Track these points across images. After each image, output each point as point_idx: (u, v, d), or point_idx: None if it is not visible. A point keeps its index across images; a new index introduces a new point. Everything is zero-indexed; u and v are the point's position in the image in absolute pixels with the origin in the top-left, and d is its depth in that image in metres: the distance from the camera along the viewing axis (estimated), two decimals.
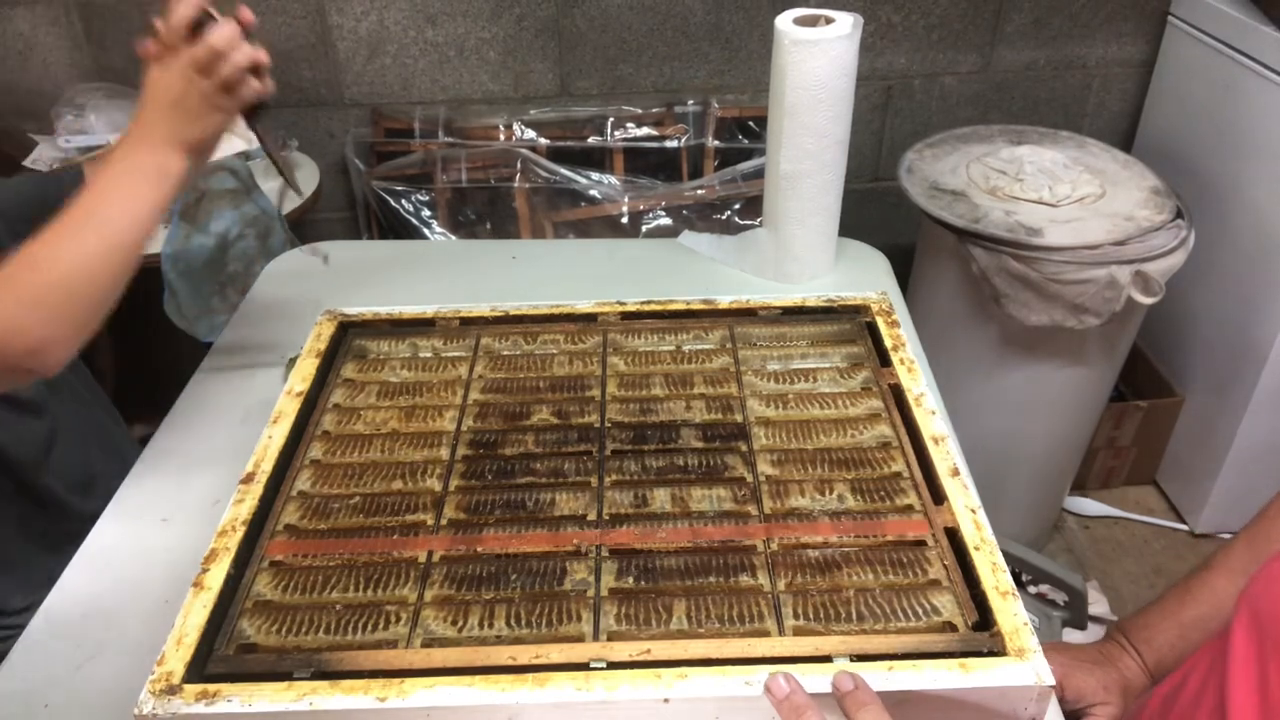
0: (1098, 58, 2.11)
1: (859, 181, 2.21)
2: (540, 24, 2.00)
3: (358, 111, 2.09)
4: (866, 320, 0.99)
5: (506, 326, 1.00)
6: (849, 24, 1.14)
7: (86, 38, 1.96)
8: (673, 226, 2.01)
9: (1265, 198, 1.74)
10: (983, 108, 2.16)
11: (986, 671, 0.62)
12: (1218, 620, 0.79)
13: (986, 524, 0.73)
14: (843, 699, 0.58)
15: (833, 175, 1.23)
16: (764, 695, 0.60)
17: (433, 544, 0.75)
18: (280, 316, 1.19)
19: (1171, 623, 0.81)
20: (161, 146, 0.89)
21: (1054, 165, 1.70)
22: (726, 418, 0.87)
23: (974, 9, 2.03)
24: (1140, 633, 0.82)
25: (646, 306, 1.01)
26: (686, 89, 2.09)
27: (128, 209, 0.87)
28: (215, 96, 0.90)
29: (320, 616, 0.69)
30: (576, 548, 0.74)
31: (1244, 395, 1.83)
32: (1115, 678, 0.79)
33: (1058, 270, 1.51)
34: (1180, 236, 1.56)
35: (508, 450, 0.84)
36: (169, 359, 1.21)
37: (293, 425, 0.85)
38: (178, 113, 0.89)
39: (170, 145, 0.89)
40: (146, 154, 0.89)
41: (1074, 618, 1.37)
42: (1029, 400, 1.75)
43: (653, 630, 0.67)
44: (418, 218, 2.02)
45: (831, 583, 0.70)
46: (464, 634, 0.68)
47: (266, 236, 1.75)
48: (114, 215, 0.86)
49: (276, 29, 1.96)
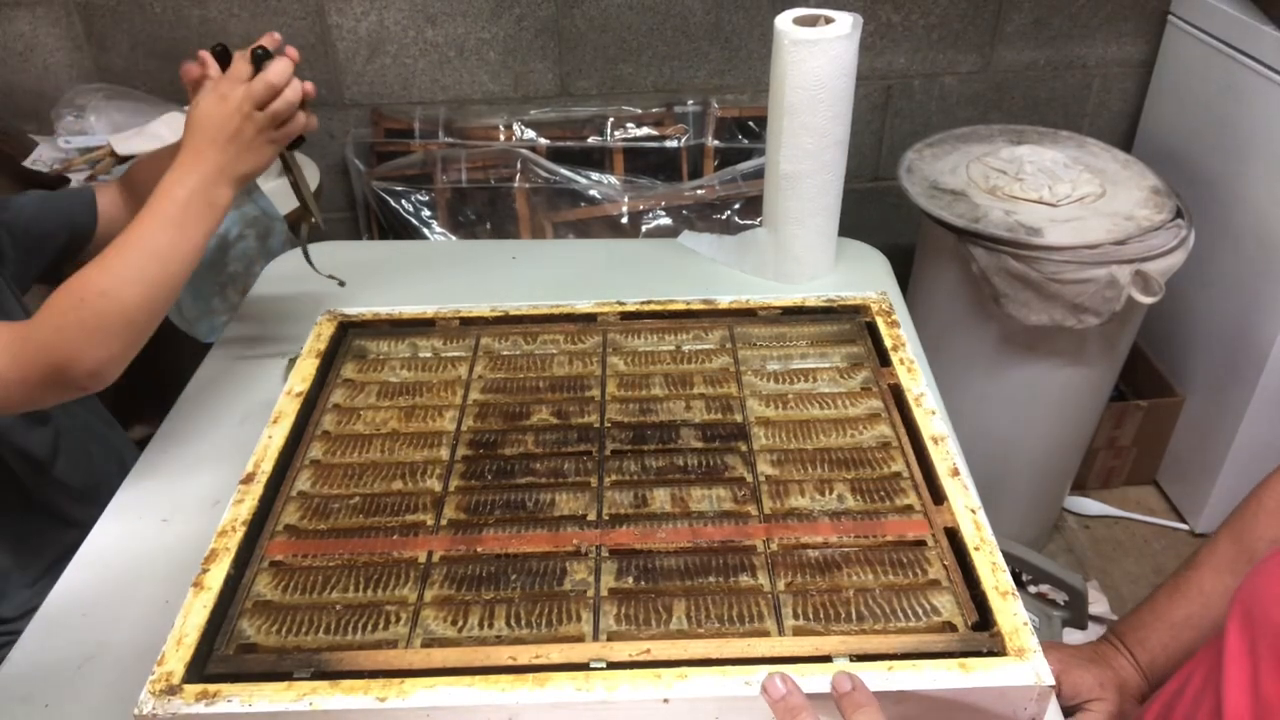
0: (1098, 57, 2.11)
1: (859, 181, 2.21)
2: (540, 24, 2.00)
3: (358, 112, 2.09)
4: (866, 320, 0.99)
5: (506, 326, 1.00)
6: (849, 24, 1.14)
7: (87, 38, 1.96)
8: (673, 226, 2.01)
9: (1265, 197, 1.74)
10: (983, 107, 2.16)
11: (986, 671, 0.62)
12: (1208, 618, 0.80)
13: (986, 524, 0.73)
14: (840, 699, 0.59)
15: (832, 175, 1.23)
16: (760, 695, 0.60)
17: (433, 544, 0.75)
18: (280, 316, 1.19)
19: (1163, 623, 0.81)
20: (215, 179, 0.91)
21: (1054, 165, 1.70)
22: (726, 418, 0.87)
23: (974, 9, 2.03)
24: (1133, 634, 0.83)
25: (646, 306, 1.01)
26: (686, 89, 2.09)
27: (181, 242, 0.90)
28: (269, 131, 0.93)
29: (320, 616, 0.69)
30: (576, 548, 0.74)
31: (1244, 395, 1.83)
32: (1111, 675, 0.80)
33: (1058, 270, 1.51)
34: (1180, 236, 1.56)
35: (508, 450, 0.84)
36: (169, 359, 1.20)
37: (293, 425, 0.85)
38: (232, 146, 0.91)
39: (223, 178, 0.92)
40: (200, 187, 0.90)
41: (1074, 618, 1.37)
42: (1029, 400, 1.75)
43: (652, 630, 0.67)
44: (418, 218, 2.02)
45: (831, 583, 0.70)
46: (464, 634, 0.68)
47: (266, 237, 1.75)
48: (169, 247, 0.89)
49: (276, 29, 1.95)
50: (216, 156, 0.91)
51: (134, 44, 1.99)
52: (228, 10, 1.94)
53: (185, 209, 0.89)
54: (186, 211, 0.90)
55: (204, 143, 0.91)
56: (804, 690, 0.60)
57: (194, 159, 0.91)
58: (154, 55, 2.00)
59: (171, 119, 1.83)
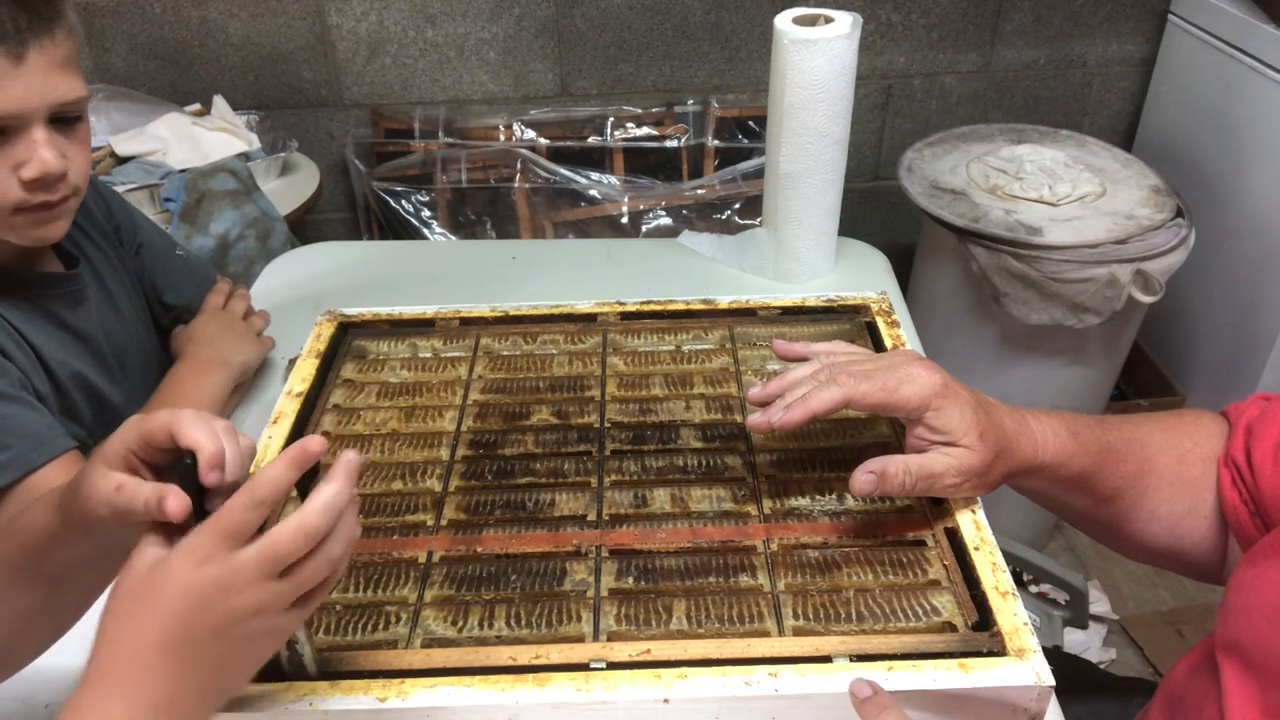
0: (1098, 56, 2.11)
1: (859, 181, 2.21)
2: (540, 24, 2.00)
3: (358, 112, 2.09)
4: (866, 320, 0.98)
5: (506, 326, 1.00)
6: (848, 23, 1.14)
7: (87, 39, 1.96)
8: (673, 226, 2.01)
9: (1266, 196, 1.74)
10: (983, 107, 2.16)
11: (986, 671, 0.62)
12: (1131, 455, 0.76)
13: (986, 524, 0.73)
14: (861, 705, 0.58)
15: (832, 175, 1.23)
16: (847, 697, 0.59)
17: (433, 544, 0.75)
18: (280, 316, 1.19)
19: (1090, 434, 0.76)
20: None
21: (1054, 164, 1.70)
22: (726, 418, 0.87)
23: (974, 8, 2.03)
24: (1059, 420, 0.76)
25: (646, 306, 1.01)
26: (686, 89, 2.09)
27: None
28: (286, 617, 0.54)
29: (320, 616, 0.69)
30: (576, 548, 0.74)
31: (1244, 394, 1.82)
32: (992, 428, 0.71)
33: (1058, 269, 1.51)
34: (1180, 235, 1.56)
35: (508, 450, 0.84)
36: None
37: (293, 425, 0.85)
38: (217, 648, 0.51)
39: (190, 711, 0.52)
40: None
41: (1075, 617, 1.37)
42: (1029, 399, 1.73)
43: (652, 630, 0.67)
44: (418, 218, 2.02)
45: (831, 583, 0.70)
46: (464, 634, 0.68)
47: (266, 237, 1.76)
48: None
49: (276, 29, 1.96)
50: (180, 666, 0.51)
51: (134, 44, 1.99)
52: (228, 10, 1.94)
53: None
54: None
55: (163, 643, 0.50)
56: (804, 691, 0.60)
57: (144, 676, 0.50)
58: (154, 55, 2.00)
59: (172, 120, 1.83)
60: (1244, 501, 0.73)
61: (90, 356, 1.00)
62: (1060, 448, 0.73)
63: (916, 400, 0.70)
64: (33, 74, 0.82)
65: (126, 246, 1.11)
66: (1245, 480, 0.73)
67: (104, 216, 1.09)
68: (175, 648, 0.50)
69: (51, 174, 0.85)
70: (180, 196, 1.66)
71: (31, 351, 0.93)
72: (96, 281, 1.03)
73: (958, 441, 0.70)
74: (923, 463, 0.70)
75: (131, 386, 1.05)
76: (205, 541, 0.50)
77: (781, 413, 0.71)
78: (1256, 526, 0.72)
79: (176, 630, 0.50)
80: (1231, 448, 0.75)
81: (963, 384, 0.72)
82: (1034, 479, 0.75)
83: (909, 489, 0.70)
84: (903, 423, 0.74)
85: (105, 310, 1.03)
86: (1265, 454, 0.72)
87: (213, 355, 1.08)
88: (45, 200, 0.87)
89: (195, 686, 0.51)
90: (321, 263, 1.38)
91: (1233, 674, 0.65)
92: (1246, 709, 0.63)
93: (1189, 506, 0.77)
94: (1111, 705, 0.99)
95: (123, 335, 1.06)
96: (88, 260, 1.03)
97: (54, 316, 0.96)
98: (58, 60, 0.84)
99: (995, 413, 0.72)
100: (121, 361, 1.04)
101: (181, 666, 0.50)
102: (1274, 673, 0.61)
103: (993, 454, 0.70)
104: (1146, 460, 0.77)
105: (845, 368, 0.72)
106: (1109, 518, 0.79)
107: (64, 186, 0.88)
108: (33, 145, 0.84)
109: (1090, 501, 0.78)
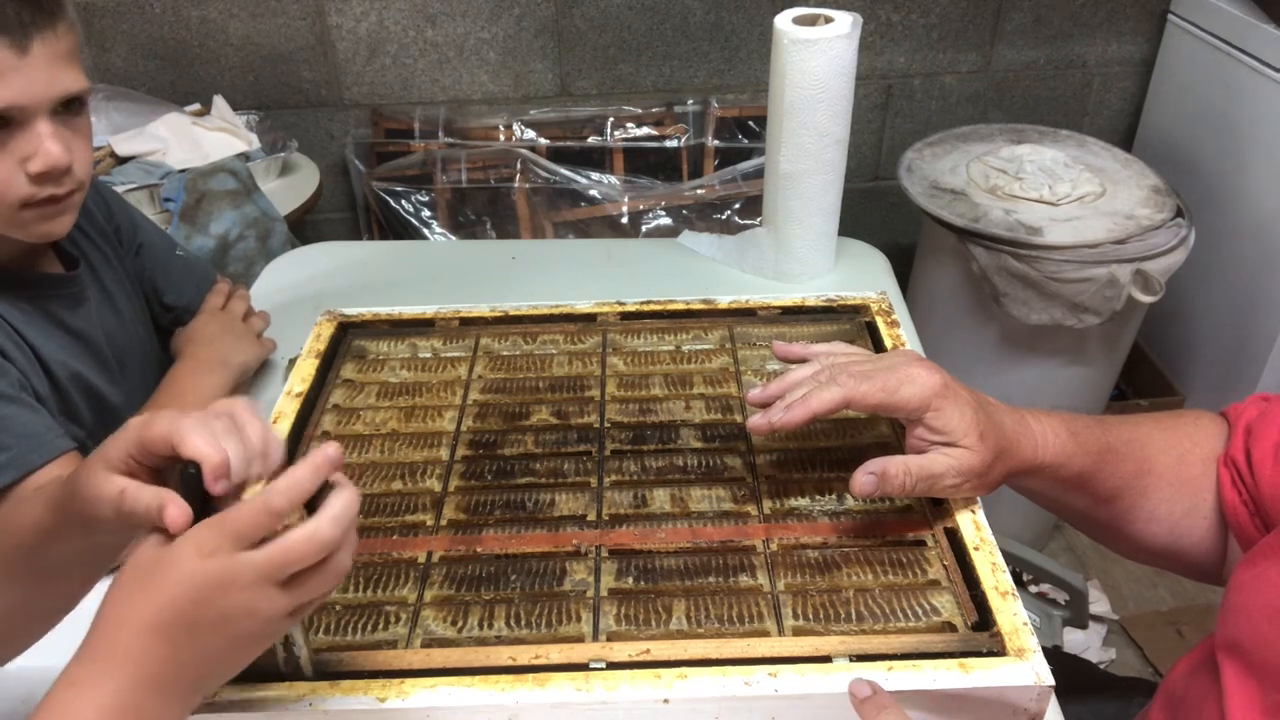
0: (1098, 56, 2.11)
1: (859, 181, 2.21)
2: (540, 24, 2.00)
3: (358, 112, 2.09)
4: (866, 320, 0.98)
5: (506, 326, 1.00)
6: (848, 23, 1.14)
7: (87, 39, 1.96)
8: (673, 226, 2.01)
9: (1265, 196, 1.74)
10: (983, 107, 2.16)
11: (986, 671, 0.62)
12: (1130, 455, 0.76)
13: (986, 524, 0.73)
14: (861, 705, 0.58)
15: (832, 175, 1.23)
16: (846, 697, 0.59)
17: (432, 544, 0.75)
18: (280, 316, 1.19)
19: (1090, 434, 0.75)
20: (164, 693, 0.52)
21: (1054, 164, 1.70)
22: (726, 418, 0.87)
23: (974, 8, 2.03)
24: (1059, 420, 0.76)
25: (646, 306, 1.01)
26: (686, 89, 2.09)
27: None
28: (282, 621, 0.54)
29: (320, 616, 0.69)
30: (576, 548, 0.74)
31: (1244, 394, 1.82)
32: (992, 429, 0.71)
33: (1058, 269, 1.51)
34: (1180, 235, 1.56)
35: (507, 450, 0.84)
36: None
37: (292, 425, 0.85)
38: (209, 639, 0.52)
39: (177, 694, 0.53)
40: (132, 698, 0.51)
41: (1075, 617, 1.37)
42: (1029, 399, 1.73)
43: (652, 630, 0.67)
44: (418, 218, 2.02)
45: (831, 583, 0.70)
46: (464, 634, 0.68)
47: (266, 237, 1.76)
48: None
49: (276, 29, 1.96)
50: (173, 656, 0.51)
51: (134, 44, 1.99)
52: (228, 10, 1.94)
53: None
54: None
55: (152, 630, 0.51)
56: (804, 691, 0.60)
57: (125, 647, 0.51)
58: (154, 55, 2.00)
59: (171, 120, 1.83)
60: (1244, 502, 0.73)
61: (90, 357, 1.00)
62: (1060, 448, 0.73)
63: (917, 401, 0.70)
64: (37, 66, 0.82)
65: (126, 247, 1.11)
66: (1245, 480, 0.73)
67: (104, 217, 1.09)
68: (169, 632, 0.51)
69: (58, 166, 0.85)
70: (180, 196, 1.66)
71: (31, 352, 0.93)
72: (96, 282, 1.03)
73: (958, 442, 0.70)
74: (923, 463, 0.70)
75: (131, 387, 1.05)
76: (211, 536, 0.51)
77: (782, 413, 0.71)
78: (1256, 527, 0.72)
79: (171, 615, 0.51)
80: (1231, 448, 0.75)
81: (963, 384, 0.72)
82: (1034, 479, 0.75)
83: (909, 489, 0.70)
84: (902, 423, 0.74)
85: (105, 311, 1.03)
86: (1265, 454, 0.72)
87: (212, 355, 1.08)
88: (52, 194, 0.87)
89: (185, 673, 0.52)
90: (321, 263, 1.38)
91: (1233, 674, 0.65)
92: (1247, 709, 0.63)
93: (1189, 507, 0.77)
94: (1111, 705, 0.99)
95: (122, 336, 1.05)
96: (87, 261, 1.03)
97: (54, 317, 0.96)
98: (61, 53, 0.84)
99: (995, 413, 0.72)
100: (121, 362, 1.04)
101: (173, 650, 0.51)
102: (1274, 673, 0.62)
103: (993, 454, 0.70)
104: (1146, 460, 0.77)
105: (845, 368, 0.72)
106: (1109, 518, 0.79)
107: (69, 180, 0.88)
108: (38, 138, 0.84)
109: (1090, 502, 0.78)
